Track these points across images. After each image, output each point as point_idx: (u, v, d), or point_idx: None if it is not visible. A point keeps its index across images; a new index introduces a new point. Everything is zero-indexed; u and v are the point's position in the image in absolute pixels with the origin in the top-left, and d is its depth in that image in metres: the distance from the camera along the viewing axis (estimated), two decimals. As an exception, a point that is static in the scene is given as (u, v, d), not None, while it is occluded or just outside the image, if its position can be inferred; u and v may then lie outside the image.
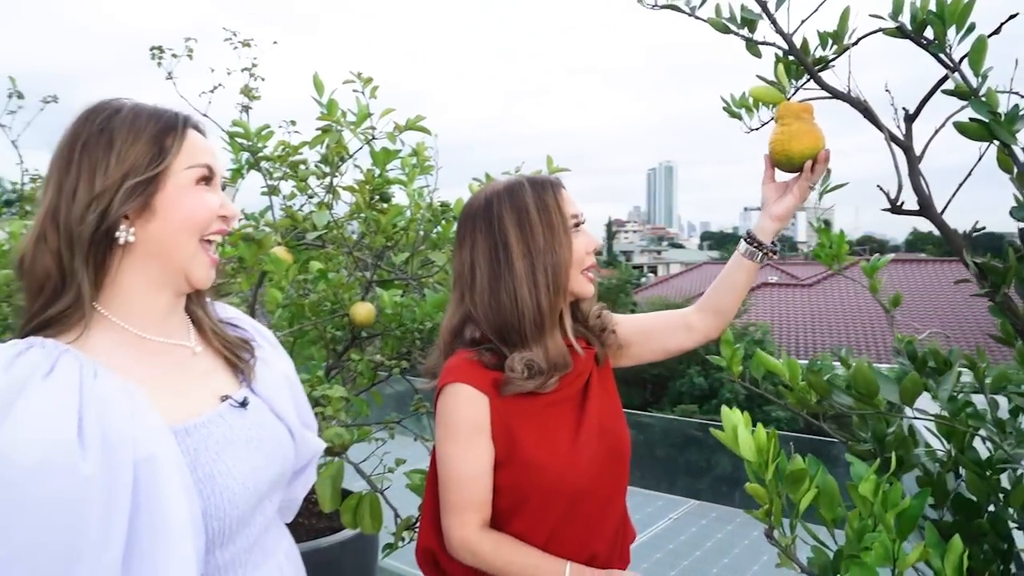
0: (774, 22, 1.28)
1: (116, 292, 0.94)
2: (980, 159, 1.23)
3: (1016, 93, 1.17)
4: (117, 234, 0.91)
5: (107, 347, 0.93)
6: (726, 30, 1.34)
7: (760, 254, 1.38)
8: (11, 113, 3.76)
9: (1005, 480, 1.28)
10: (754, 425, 0.98)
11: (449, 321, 1.31)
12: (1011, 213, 1.20)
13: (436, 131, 2.49)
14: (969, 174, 1.27)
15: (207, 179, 0.98)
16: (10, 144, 3.81)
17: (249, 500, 0.98)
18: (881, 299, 1.79)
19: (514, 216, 1.25)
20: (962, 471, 1.31)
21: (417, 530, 1.51)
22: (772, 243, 1.38)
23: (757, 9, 1.31)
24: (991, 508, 1.24)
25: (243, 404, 1.04)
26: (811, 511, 1.02)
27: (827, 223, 1.96)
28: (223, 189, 1.06)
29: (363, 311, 2.00)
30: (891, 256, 1.89)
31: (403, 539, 1.74)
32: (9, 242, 2.67)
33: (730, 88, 1.51)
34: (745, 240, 1.39)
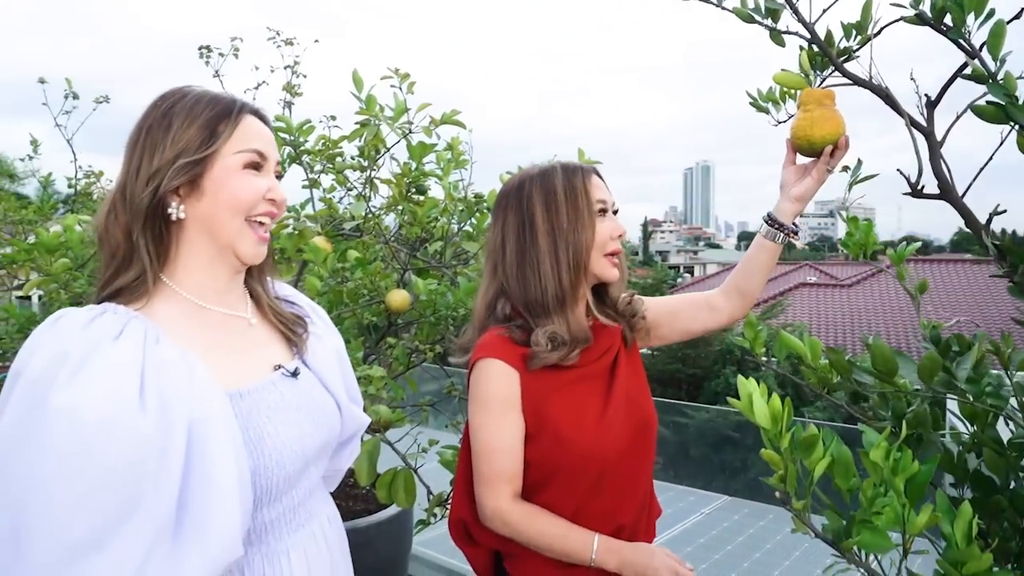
0: (796, 12, 1.32)
1: (179, 266, 1.03)
2: (1002, 143, 1.26)
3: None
4: (169, 210, 0.99)
5: (171, 315, 1.00)
6: (751, 20, 1.38)
7: (781, 235, 1.41)
8: (66, 113, 3.94)
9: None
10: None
11: (483, 297, 1.38)
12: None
13: (473, 131, 2.56)
14: (990, 158, 1.29)
15: (257, 164, 1.04)
16: (66, 143, 4.00)
17: (295, 462, 1.05)
18: (908, 286, 1.80)
19: (542, 196, 1.32)
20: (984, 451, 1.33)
21: (449, 506, 1.58)
22: (792, 224, 1.42)
23: (780, -1, 1.34)
24: (1011, 486, 1.26)
25: (294, 374, 1.11)
26: (831, 489, 1.06)
27: (867, 222, 1.97)
28: (279, 177, 1.13)
29: (398, 298, 2.08)
30: (919, 243, 1.91)
31: (435, 515, 1.80)
32: (65, 235, 2.82)
33: (768, 86, 1.55)
34: (766, 222, 1.43)
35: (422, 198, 2.47)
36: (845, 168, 1.60)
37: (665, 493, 5.36)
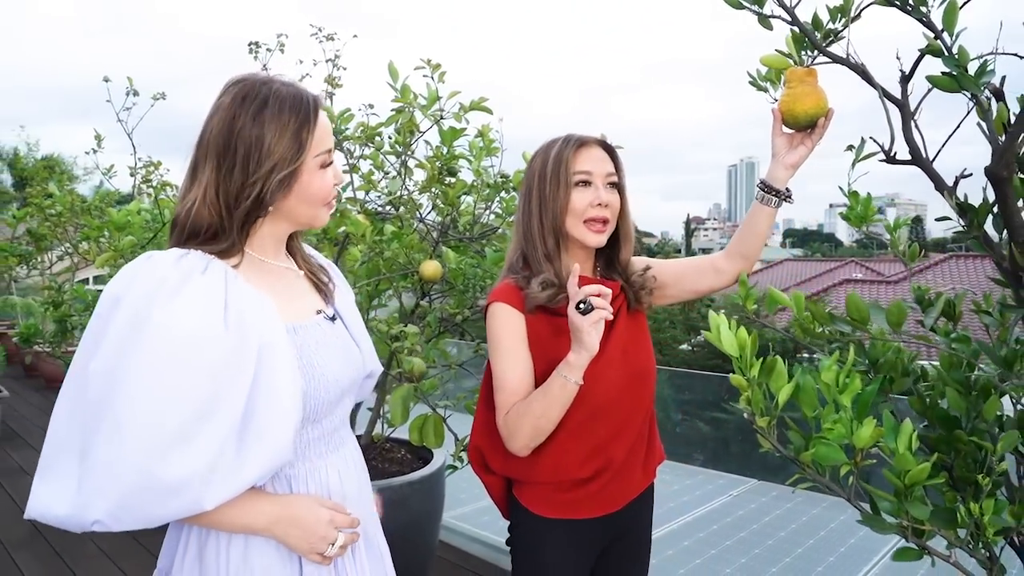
0: (779, -3, 1.46)
1: (256, 238, 1.22)
2: (968, 113, 1.38)
3: (1014, 54, 1.31)
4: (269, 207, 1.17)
5: (242, 266, 1.19)
6: (739, 6, 1.53)
7: (776, 200, 1.55)
8: (126, 110, 4.25)
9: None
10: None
11: (508, 252, 1.58)
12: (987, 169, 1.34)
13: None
14: (958, 126, 1.42)
15: (328, 162, 1.22)
16: (122, 144, 4.32)
17: (334, 390, 1.24)
18: (904, 257, 1.92)
19: (539, 167, 1.50)
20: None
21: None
22: (786, 189, 1.56)
23: (765, -16, 1.48)
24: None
25: (332, 319, 1.31)
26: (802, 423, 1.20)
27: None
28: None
29: (431, 268, 2.27)
30: (914, 215, 2.02)
31: (461, 459, 1.98)
32: (128, 216, 3.08)
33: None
34: (761, 189, 1.57)
35: (453, 180, 2.66)
36: (850, 147, 1.73)
37: (695, 476, 5.48)
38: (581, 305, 1.30)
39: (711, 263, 1.65)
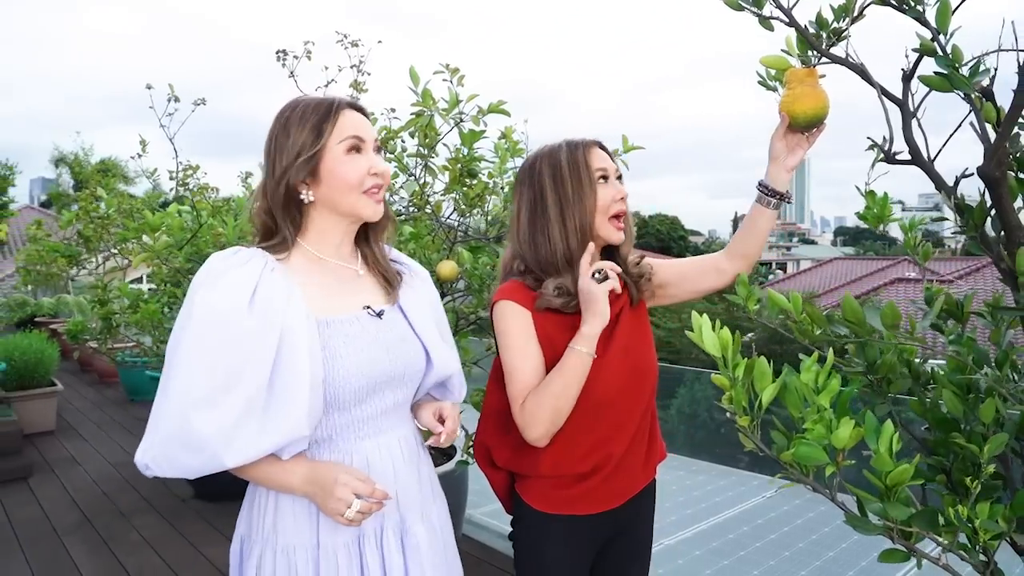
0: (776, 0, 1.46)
1: (311, 232, 1.37)
2: (969, 113, 1.37)
3: (1021, 49, 1.29)
4: (301, 196, 1.32)
5: (300, 262, 1.36)
6: (739, 7, 1.53)
7: (775, 201, 1.56)
8: (169, 116, 4.40)
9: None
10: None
11: (504, 258, 1.60)
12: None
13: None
14: (959, 126, 1.41)
15: (357, 147, 1.33)
16: (169, 146, 4.48)
17: (359, 381, 1.31)
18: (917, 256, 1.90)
19: (550, 171, 1.51)
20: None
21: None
22: (786, 191, 1.57)
23: (760, -15, 1.49)
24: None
25: (379, 314, 1.39)
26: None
27: (884, 195, 2.07)
28: (379, 152, 1.40)
29: (447, 268, 2.32)
30: (929, 216, 1.99)
31: (470, 454, 2.02)
32: (167, 219, 3.21)
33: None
34: (762, 191, 1.58)
35: (474, 181, 2.71)
36: (873, 146, 1.72)
37: (728, 477, 5.43)
38: (597, 274, 1.39)
39: (713, 263, 1.66)
